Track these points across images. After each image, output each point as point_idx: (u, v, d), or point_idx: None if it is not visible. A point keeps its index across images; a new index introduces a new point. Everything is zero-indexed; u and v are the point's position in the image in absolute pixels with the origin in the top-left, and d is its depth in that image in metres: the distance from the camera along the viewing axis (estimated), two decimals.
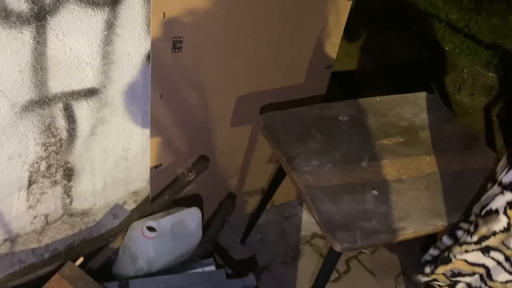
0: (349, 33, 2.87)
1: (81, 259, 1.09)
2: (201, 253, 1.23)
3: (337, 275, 1.57)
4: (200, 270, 1.14)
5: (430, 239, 1.34)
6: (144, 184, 1.47)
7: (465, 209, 1.03)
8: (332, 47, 1.41)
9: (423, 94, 1.44)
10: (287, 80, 1.40)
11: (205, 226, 1.33)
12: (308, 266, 1.57)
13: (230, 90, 1.31)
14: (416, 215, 1.04)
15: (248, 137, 1.46)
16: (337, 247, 0.96)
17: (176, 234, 1.15)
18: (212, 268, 1.16)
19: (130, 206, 1.47)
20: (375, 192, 1.07)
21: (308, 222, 1.71)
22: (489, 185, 0.97)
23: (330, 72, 1.47)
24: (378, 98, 1.37)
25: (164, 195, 1.25)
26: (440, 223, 1.03)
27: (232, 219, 1.65)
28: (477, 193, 1.04)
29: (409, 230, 1.01)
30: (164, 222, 1.13)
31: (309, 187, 1.06)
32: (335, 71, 1.50)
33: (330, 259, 1.08)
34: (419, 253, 1.65)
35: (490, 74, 2.74)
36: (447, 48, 2.89)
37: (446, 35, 2.98)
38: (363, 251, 1.66)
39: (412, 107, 1.37)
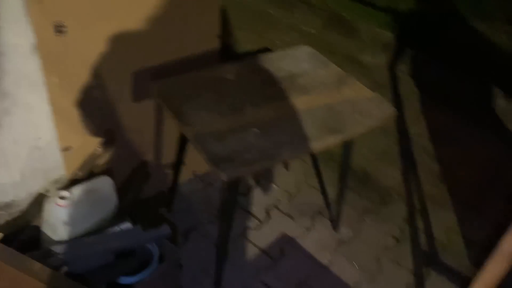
0: None
1: (1, 235, 1.18)
2: (119, 220, 1.35)
3: (258, 223, 1.73)
4: (116, 228, 1.26)
5: None
6: (64, 171, 1.56)
7: None
8: (214, 17, 1.56)
9: (303, 47, 1.62)
10: (180, 51, 1.54)
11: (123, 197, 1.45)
12: (233, 223, 1.72)
13: (126, 66, 1.43)
14: (292, 142, 1.20)
15: (153, 108, 1.58)
16: (224, 176, 1.11)
17: (90, 201, 1.26)
18: (128, 225, 1.28)
19: (54, 194, 1.56)
20: (256, 130, 1.23)
21: None
22: None
23: (219, 41, 1.62)
24: (261, 56, 1.54)
25: (78, 172, 1.36)
26: (311, 145, 1.20)
27: (158, 192, 1.78)
28: None
29: (285, 154, 1.17)
30: (76, 190, 1.24)
31: (198, 134, 1.20)
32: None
33: (229, 190, 1.23)
34: None
35: (387, 33, 3.00)
36: (347, 16, 3.13)
37: (346, 5, 3.21)
38: (280, 199, 1.83)
39: (293, 60, 1.54)
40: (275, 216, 1.77)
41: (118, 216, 1.34)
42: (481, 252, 1.71)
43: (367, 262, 1.64)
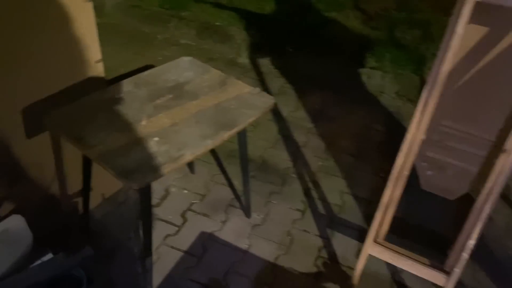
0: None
1: None
2: (39, 253, 1.35)
3: (176, 228, 1.82)
4: (38, 261, 1.27)
5: None
6: None
7: None
8: (93, 43, 1.62)
9: (184, 58, 1.75)
10: (66, 81, 1.57)
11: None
12: (153, 234, 1.79)
13: (12, 104, 1.43)
14: (191, 143, 1.33)
15: (50, 141, 1.59)
16: (135, 186, 1.20)
17: (3, 243, 1.26)
18: (50, 256, 1.30)
19: None
20: (156, 139, 1.34)
21: None
22: None
23: (102, 65, 1.68)
24: (146, 72, 1.64)
25: None
26: (210, 142, 1.34)
27: (73, 219, 1.78)
28: None
29: (188, 154, 1.30)
30: None
31: (102, 154, 1.27)
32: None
33: (143, 199, 1.31)
34: None
35: (257, 34, 3.26)
36: (218, 24, 3.34)
37: (215, 14, 3.43)
38: (193, 201, 1.95)
39: (176, 71, 1.67)
40: (191, 218, 1.88)
41: (37, 250, 1.34)
42: (369, 205, 2.00)
43: (280, 237, 1.83)
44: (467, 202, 1.50)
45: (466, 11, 1.22)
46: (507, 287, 1.70)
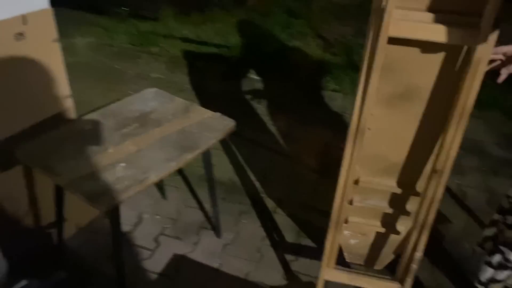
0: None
1: None
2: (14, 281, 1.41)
3: (149, 252, 1.89)
4: None
5: None
6: None
7: None
8: (61, 80, 1.72)
9: (149, 89, 1.86)
10: (37, 115, 1.66)
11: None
12: (128, 260, 1.85)
13: None
14: (156, 166, 1.43)
15: (22, 175, 1.66)
16: (103, 208, 1.28)
17: None
18: (25, 282, 1.36)
19: None
20: (123, 164, 1.43)
21: None
22: None
23: (71, 100, 1.78)
24: (113, 104, 1.74)
25: None
26: (173, 164, 1.44)
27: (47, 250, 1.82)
28: None
29: (153, 176, 1.39)
30: None
31: (72, 181, 1.35)
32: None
33: (112, 221, 1.39)
34: None
35: (224, 64, 3.42)
36: (186, 57, 3.49)
37: (184, 48, 3.58)
38: (165, 226, 2.02)
39: (141, 101, 1.77)
40: (163, 242, 1.95)
41: (12, 279, 1.40)
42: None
43: (250, 254, 1.91)
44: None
45: (380, 47, 1.19)
46: (463, 286, 1.81)
